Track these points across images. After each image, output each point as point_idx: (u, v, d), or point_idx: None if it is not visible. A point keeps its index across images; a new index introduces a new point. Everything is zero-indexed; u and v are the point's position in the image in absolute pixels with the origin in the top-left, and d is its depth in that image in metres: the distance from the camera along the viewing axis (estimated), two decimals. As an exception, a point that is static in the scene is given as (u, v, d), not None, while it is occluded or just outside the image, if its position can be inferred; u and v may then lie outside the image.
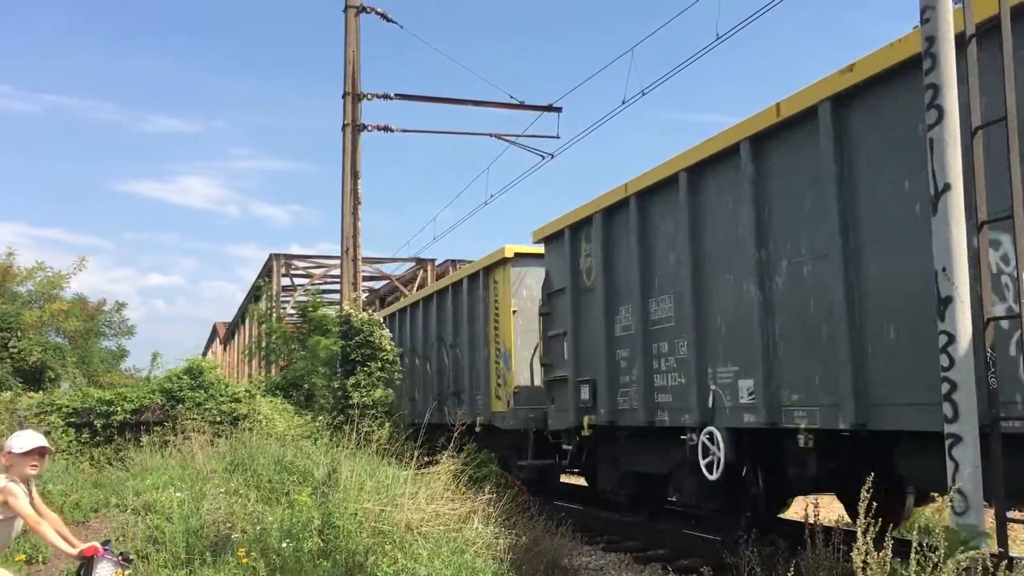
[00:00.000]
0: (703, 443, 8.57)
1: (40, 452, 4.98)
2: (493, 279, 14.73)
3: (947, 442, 4.85)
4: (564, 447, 11.82)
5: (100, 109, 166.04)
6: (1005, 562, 3.71)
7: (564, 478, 17.17)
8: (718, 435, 8.38)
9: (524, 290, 14.10)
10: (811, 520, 6.03)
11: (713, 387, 8.61)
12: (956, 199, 4.93)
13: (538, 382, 13.34)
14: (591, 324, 11.14)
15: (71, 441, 15.17)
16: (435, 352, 17.75)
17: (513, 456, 14.28)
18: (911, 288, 6.34)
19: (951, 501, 4.67)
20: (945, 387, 4.88)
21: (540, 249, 13.20)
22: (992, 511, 4.96)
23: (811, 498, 8.13)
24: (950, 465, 4.81)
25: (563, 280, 11.85)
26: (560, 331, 11.94)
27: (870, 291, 6.78)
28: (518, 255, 14.11)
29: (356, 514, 8.18)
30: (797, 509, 11.68)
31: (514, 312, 14.00)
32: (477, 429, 14.68)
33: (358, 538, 7.71)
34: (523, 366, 13.80)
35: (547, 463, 13.32)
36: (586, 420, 10.89)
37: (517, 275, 14.15)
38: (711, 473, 8.44)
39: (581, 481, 16.88)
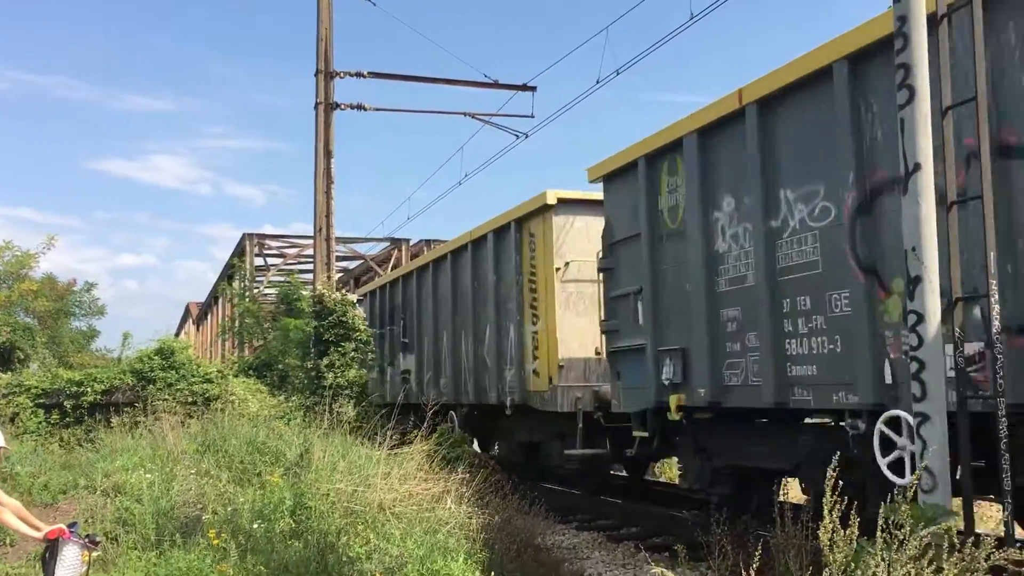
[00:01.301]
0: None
1: None
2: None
3: (915, 421, 4.88)
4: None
5: (69, 87, 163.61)
6: (971, 539, 3.75)
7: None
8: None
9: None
10: (780, 498, 6.08)
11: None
12: (926, 179, 4.94)
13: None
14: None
15: (40, 422, 15.03)
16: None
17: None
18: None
19: (919, 479, 4.71)
20: (914, 366, 4.91)
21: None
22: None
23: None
24: (918, 444, 4.85)
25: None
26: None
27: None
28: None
29: (328, 495, 8.16)
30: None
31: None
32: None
33: (330, 518, 7.69)
34: None
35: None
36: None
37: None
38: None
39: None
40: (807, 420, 7.53)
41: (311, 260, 20.81)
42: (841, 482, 4.43)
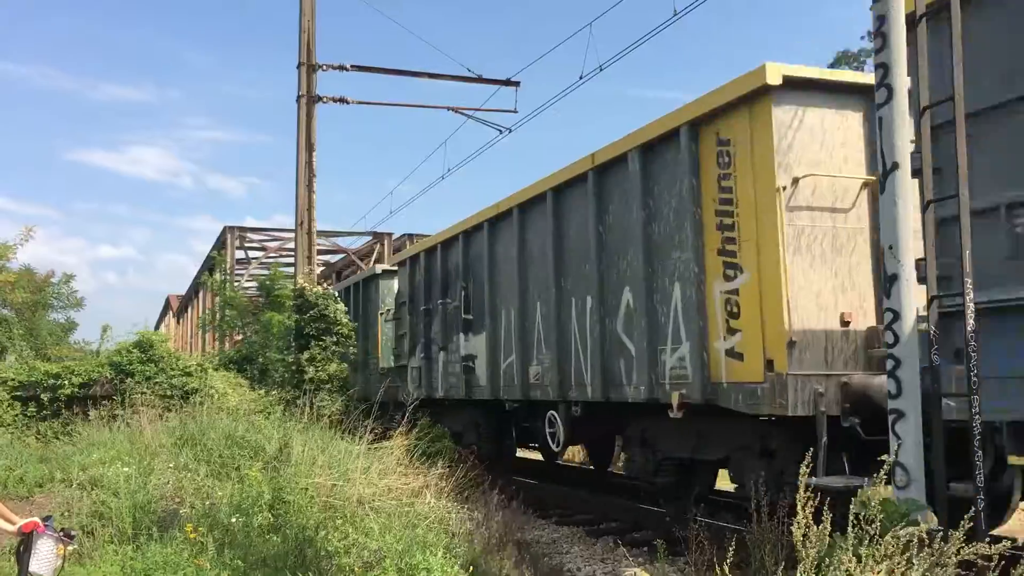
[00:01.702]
0: None
1: None
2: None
3: (890, 417, 4.93)
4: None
5: (48, 76, 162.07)
6: (940, 534, 3.79)
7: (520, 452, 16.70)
8: None
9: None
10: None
11: None
12: (904, 178, 4.99)
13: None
14: None
15: (17, 415, 14.93)
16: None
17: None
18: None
19: (893, 475, 4.75)
20: (890, 363, 4.96)
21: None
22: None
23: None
24: (893, 440, 4.89)
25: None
26: None
27: None
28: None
29: (307, 489, 8.14)
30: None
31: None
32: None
33: (309, 513, 7.68)
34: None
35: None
36: None
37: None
38: None
39: (536, 455, 16.88)
40: None
41: (292, 253, 20.74)
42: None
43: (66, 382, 15.47)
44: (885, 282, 5.04)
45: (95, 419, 13.19)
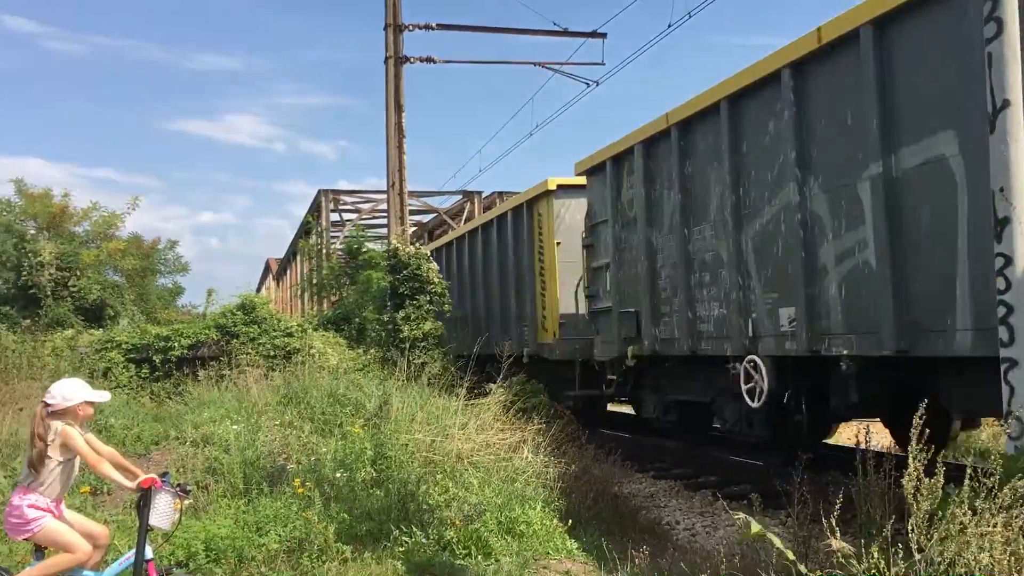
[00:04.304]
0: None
1: (88, 402, 5.07)
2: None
3: (1003, 366, 4.74)
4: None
5: (144, 48, 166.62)
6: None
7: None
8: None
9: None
10: (863, 446, 5.98)
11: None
12: (1016, 115, 4.73)
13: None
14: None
15: (131, 376, 15.59)
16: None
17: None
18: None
19: (1007, 426, 4.58)
20: (1001, 311, 4.76)
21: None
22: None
23: (863, 424, 8.05)
24: (1006, 390, 4.71)
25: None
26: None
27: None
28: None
29: (407, 445, 8.32)
30: (849, 435, 11.63)
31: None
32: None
33: (410, 468, 7.85)
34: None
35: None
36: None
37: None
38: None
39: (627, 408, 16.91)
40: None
41: (385, 214, 21.00)
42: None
43: (176, 344, 16.10)
44: (996, 226, 4.80)
45: (204, 379, 13.69)
